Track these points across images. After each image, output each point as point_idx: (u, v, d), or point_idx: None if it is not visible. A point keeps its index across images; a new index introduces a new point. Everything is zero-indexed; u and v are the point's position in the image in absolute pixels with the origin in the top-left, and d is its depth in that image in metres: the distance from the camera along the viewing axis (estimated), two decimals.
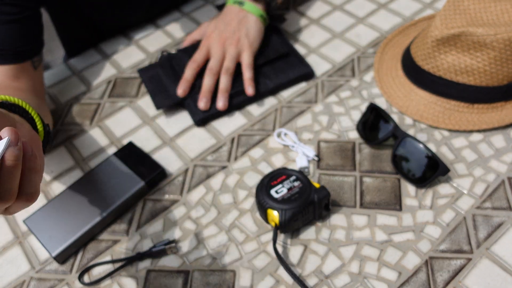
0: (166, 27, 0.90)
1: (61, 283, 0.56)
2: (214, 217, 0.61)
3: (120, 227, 0.61)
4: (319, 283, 0.53)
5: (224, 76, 0.72)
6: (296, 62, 0.76)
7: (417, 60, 0.69)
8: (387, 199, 0.60)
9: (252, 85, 0.72)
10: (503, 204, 0.58)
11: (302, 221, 0.56)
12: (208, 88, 0.72)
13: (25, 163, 0.38)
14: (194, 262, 0.57)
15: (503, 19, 0.64)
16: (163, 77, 0.76)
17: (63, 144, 0.71)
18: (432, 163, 0.58)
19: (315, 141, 0.67)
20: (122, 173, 0.64)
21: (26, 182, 0.39)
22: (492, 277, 0.52)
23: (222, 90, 0.71)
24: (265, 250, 0.57)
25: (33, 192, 0.39)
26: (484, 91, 0.65)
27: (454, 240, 0.55)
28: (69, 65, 0.85)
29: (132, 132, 0.72)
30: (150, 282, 0.55)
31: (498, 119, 0.65)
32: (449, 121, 0.66)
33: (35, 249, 0.60)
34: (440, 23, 0.65)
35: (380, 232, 0.57)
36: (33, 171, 0.39)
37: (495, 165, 0.62)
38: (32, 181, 0.39)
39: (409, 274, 0.53)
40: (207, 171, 0.66)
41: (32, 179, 0.39)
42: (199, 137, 0.70)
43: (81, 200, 0.61)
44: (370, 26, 0.84)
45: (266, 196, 0.56)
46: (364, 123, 0.66)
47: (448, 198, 0.59)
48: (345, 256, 0.55)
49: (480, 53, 0.62)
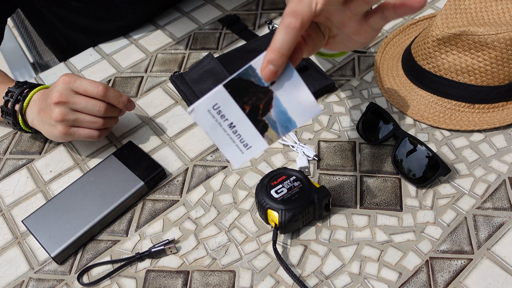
0: (165, 26, 0.90)
1: (60, 283, 0.56)
2: (214, 217, 0.60)
3: (120, 227, 0.61)
4: (319, 284, 0.53)
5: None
6: (316, 75, 0.73)
7: (417, 59, 0.69)
8: (387, 199, 0.60)
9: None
10: (504, 204, 0.58)
11: (302, 221, 0.56)
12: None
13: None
14: (193, 263, 0.56)
15: (504, 19, 0.64)
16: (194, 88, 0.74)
17: (63, 144, 0.71)
18: (432, 163, 0.58)
19: (315, 141, 0.67)
20: (122, 173, 0.63)
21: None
22: (493, 277, 0.52)
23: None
24: (265, 250, 0.57)
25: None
26: (485, 91, 0.65)
27: (455, 241, 0.55)
28: (68, 64, 0.85)
29: (132, 132, 0.72)
30: (149, 282, 0.55)
31: (499, 119, 0.65)
32: (450, 121, 0.66)
33: (34, 249, 0.60)
34: (441, 23, 0.64)
35: (380, 233, 0.57)
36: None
37: (496, 165, 0.61)
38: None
39: (410, 274, 0.53)
40: (207, 171, 0.65)
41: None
42: (199, 137, 0.70)
43: (81, 200, 0.61)
44: None
45: (266, 196, 0.56)
46: (364, 123, 0.66)
47: (449, 198, 0.59)
48: (345, 256, 0.55)
49: (481, 52, 0.62)
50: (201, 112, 0.45)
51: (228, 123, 0.45)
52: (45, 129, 0.64)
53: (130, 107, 0.66)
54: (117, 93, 0.63)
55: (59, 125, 0.62)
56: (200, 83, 0.73)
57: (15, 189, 0.66)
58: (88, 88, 0.61)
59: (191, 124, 0.72)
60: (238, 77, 0.44)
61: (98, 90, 0.61)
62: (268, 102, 0.45)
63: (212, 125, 0.45)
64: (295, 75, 0.43)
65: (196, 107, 0.45)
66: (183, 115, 0.73)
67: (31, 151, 0.71)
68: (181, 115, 0.73)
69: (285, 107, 0.44)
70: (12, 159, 0.70)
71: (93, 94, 0.61)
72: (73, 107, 0.61)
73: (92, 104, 0.61)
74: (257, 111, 0.45)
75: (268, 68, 0.41)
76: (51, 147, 0.71)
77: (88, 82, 0.61)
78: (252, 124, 0.45)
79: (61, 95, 0.60)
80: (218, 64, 0.74)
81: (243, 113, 0.45)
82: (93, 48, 0.88)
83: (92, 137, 0.64)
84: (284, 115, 0.45)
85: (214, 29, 0.88)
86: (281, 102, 0.44)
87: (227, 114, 0.45)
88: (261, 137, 0.46)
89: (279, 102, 0.44)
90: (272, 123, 0.45)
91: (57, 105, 0.61)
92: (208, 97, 0.44)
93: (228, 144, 0.46)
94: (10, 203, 0.65)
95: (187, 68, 0.81)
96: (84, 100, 0.61)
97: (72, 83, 0.61)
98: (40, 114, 0.64)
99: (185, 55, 0.83)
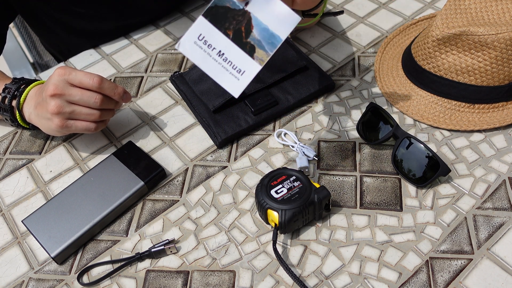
0: (165, 26, 0.90)
1: (60, 283, 0.56)
2: (213, 218, 0.60)
3: (120, 227, 0.61)
4: (319, 284, 0.53)
5: None
6: (316, 74, 0.73)
7: (418, 59, 0.69)
8: (387, 200, 0.60)
9: None
10: (504, 204, 0.58)
11: (302, 221, 0.56)
12: None
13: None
14: (193, 263, 0.56)
15: (504, 19, 0.64)
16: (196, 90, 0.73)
17: (63, 144, 0.71)
18: (432, 163, 0.58)
19: (315, 141, 0.67)
20: (122, 173, 0.63)
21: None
22: (493, 277, 0.52)
23: None
24: (265, 250, 0.57)
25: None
26: (485, 91, 0.65)
27: (455, 241, 0.55)
28: (68, 64, 0.85)
29: (132, 132, 0.72)
30: (149, 282, 0.55)
31: (499, 119, 0.65)
32: (450, 121, 0.66)
33: (34, 249, 0.60)
34: (441, 23, 0.64)
35: (380, 233, 0.57)
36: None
37: (496, 165, 0.61)
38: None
39: (410, 274, 0.53)
40: (207, 171, 0.65)
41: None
42: (199, 137, 0.70)
43: (80, 200, 0.61)
44: (371, 26, 0.83)
45: (266, 196, 0.56)
46: (364, 123, 0.66)
47: (448, 198, 0.59)
48: (345, 256, 0.55)
49: (481, 52, 0.62)
50: (189, 45, 0.47)
51: (216, 52, 0.47)
52: (42, 124, 0.64)
53: (126, 98, 0.65)
54: (112, 84, 0.63)
55: (56, 118, 0.61)
56: (200, 83, 0.73)
57: (15, 189, 0.66)
58: (83, 79, 0.61)
59: (191, 124, 0.72)
60: (214, 5, 0.46)
61: (93, 82, 0.61)
62: (248, 23, 0.47)
63: (203, 57, 0.47)
64: None
65: (182, 41, 0.47)
66: (183, 115, 0.73)
67: (31, 151, 0.71)
68: (181, 115, 0.73)
69: (265, 24, 0.47)
70: (12, 159, 0.70)
71: (89, 85, 0.61)
72: (69, 99, 0.61)
73: (88, 96, 0.61)
74: (240, 34, 0.47)
75: None
76: (51, 147, 0.71)
77: (83, 73, 0.61)
78: (240, 48, 0.47)
79: (57, 88, 0.60)
80: None
81: (228, 39, 0.47)
82: (93, 48, 0.88)
83: (89, 129, 0.63)
84: (267, 32, 0.47)
85: None
86: (260, 20, 0.47)
87: (213, 43, 0.47)
88: (252, 59, 0.47)
89: (258, 20, 0.47)
90: (258, 43, 0.47)
91: (53, 98, 0.60)
92: (191, 29, 0.46)
93: (222, 73, 0.47)
94: (10, 203, 0.65)
95: (187, 68, 0.81)
96: (79, 92, 0.61)
97: (67, 75, 0.61)
98: (37, 108, 0.63)
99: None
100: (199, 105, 0.71)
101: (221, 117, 0.69)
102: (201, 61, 0.47)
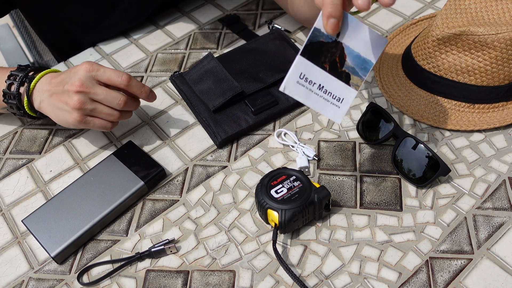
0: (165, 26, 0.90)
1: (60, 283, 0.56)
2: (213, 217, 0.60)
3: (120, 227, 0.61)
4: (319, 284, 0.53)
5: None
6: None
7: (418, 59, 0.69)
8: (387, 199, 0.60)
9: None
10: (504, 204, 0.58)
11: (302, 221, 0.56)
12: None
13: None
14: (193, 262, 0.56)
15: (504, 19, 0.64)
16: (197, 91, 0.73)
17: (63, 144, 0.71)
18: (432, 163, 0.58)
19: (315, 141, 0.67)
20: (122, 173, 0.63)
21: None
22: (493, 277, 0.52)
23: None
24: (265, 250, 0.57)
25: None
26: (485, 91, 0.65)
27: (454, 241, 0.55)
28: (68, 64, 0.85)
29: (132, 132, 0.72)
30: (149, 282, 0.55)
31: (499, 119, 0.65)
32: (450, 121, 0.66)
33: (34, 249, 0.60)
34: (441, 23, 0.64)
35: (380, 232, 0.57)
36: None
37: (496, 165, 0.61)
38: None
39: (410, 274, 0.53)
40: (207, 171, 0.65)
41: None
42: (199, 137, 0.70)
43: (80, 200, 0.61)
44: (371, 26, 0.83)
45: (266, 196, 0.56)
46: (364, 123, 0.66)
47: (448, 198, 0.59)
48: (345, 256, 0.55)
49: (481, 52, 0.62)
50: (292, 85, 0.49)
51: (317, 86, 0.49)
52: (56, 114, 0.63)
53: (152, 97, 0.65)
54: (139, 83, 0.64)
55: (76, 112, 0.61)
56: (200, 83, 0.73)
57: (15, 189, 0.66)
58: (112, 77, 0.61)
59: (191, 124, 0.72)
60: (309, 43, 0.48)
61: (122, 79, 0.61)
62: (341, 53, 0.49)
63: (306, 94, 0.49)
64: (353, 20, 0.48)
65: (286, 83, 0.48)
66: (183, 115, 0.73)
67: (31, 150, 0.71)
68: (181, 114, 0.73)
69: (357, 51, 0.49)
70: (12, 159, 0.70)
71: (117, 83, 0.61)
72: (93, 97, 0.61)
73: (112, 96, 0.61)
74: (335, 65, 0.49)
75: (330, 21, 0.46)
76: (51, 146, 0.71)
77: (112, 71, 0.61)
78: (336, 78, 0.50)
79: (83, 84, 0.60)
80: (218, 64, 0.74)
81: (325, 71, 0.49)
82: (93, 48, 0.87)
83: (106, 128, 0.64)
84: (359, 58, 0.50)
85: (214, 29, 0.88)
86: (352, 48, 0.49)
87: (313, 78, 0.49)
88: (348, 86, 0.50)
89: (350, 49, 0.49)
90: (352, 70, 0.50)
91: (77, 93, 0.60)
92: (292, 70, 0.48)
93: (325, 105, 0.50)
94: (10, 202, 0.65)
95: (187, 68, 0.81)
96: (105, 91, 0.61)
97: (95, 72, 0.61)
98: (53, 97, 0.62)
99: (185, 55, 0.83)
100: (199, 105, 0.71)
101: (221, 117, 0.69)
102: (305, 98, 0.49)
